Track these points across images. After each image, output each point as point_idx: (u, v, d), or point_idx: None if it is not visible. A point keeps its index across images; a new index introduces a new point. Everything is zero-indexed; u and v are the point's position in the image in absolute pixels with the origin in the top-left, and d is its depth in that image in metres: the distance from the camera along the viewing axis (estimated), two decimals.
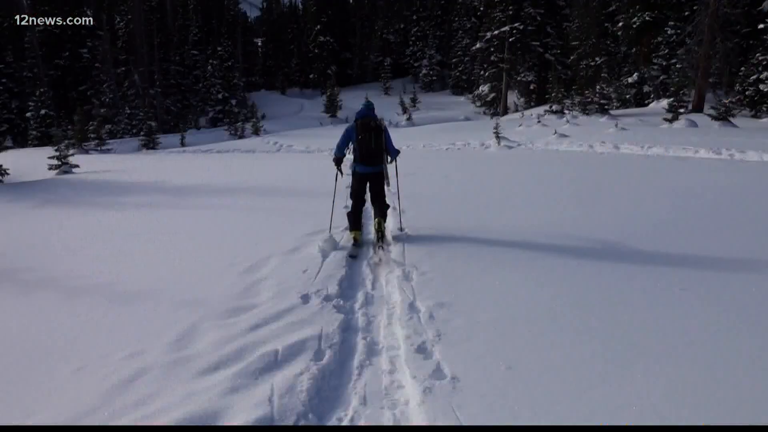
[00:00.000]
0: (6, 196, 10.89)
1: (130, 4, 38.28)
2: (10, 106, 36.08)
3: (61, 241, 7.08)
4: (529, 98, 32.89)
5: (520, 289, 4.48)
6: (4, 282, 5.34)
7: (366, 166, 6.20)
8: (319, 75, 48.20)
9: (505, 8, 31.29)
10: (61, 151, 15.85)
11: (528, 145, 15.75)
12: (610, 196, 8.18)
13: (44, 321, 4.35)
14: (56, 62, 38.48)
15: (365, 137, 6.08)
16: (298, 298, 4.44)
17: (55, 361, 3.64)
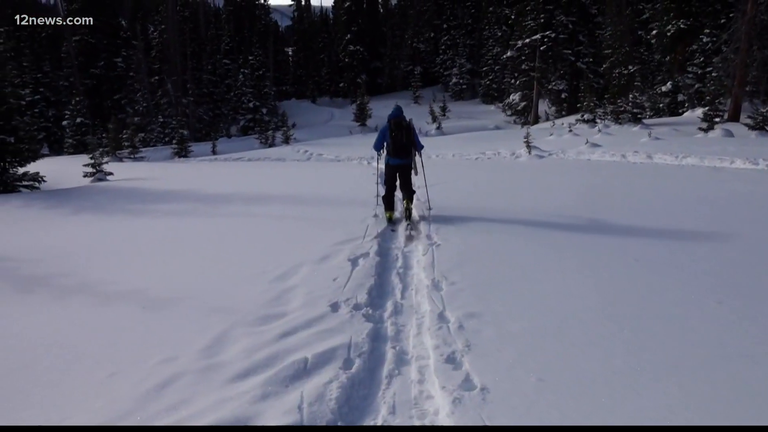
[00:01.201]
0: (43, 202, 11.19)
1: (164, 15, 39.12)
2: (47, 114, 37.16)
3: (96, 248, 7.23)
4: (561, 107, 32.55)
5: (550, 299, 4.43)
6: (40, 288, 5.47)
7: (397, 158, 7.62)
8: (349, 84, 48.52)
9: (537, 16, 31.09)
10: (96, 158, 16.23)
11: (559, 155, 15.58)
12: (643, 207, 8.03)
13: (79, 326, 4.45)
14: (92, 71, 39.50)
15: (397, 134, 7.51)
16: (328, 307, 4.46)
17: (89, 366, 3.71)
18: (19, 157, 13.68)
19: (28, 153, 14.00)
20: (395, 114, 7.65)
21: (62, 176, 16.11)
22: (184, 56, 38.62)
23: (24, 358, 3.89)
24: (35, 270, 6.15)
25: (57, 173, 16.32)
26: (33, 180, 13.78)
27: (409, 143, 7.62)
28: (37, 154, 14.73)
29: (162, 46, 38.53)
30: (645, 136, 16.96)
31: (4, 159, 13.39)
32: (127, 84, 38.53)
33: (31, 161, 14.21)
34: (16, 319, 4.67)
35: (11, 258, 6.73)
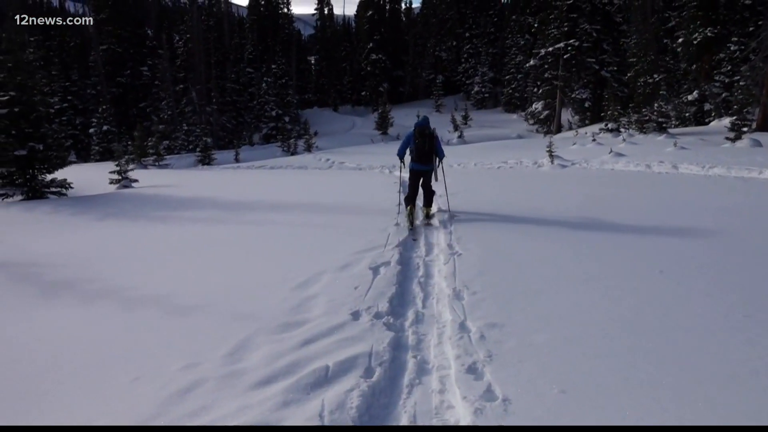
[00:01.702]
0: (70, 209, 11.39)
1: (189, 24, 39.75)
2: (75, 122, 37.93)
3: (121, 254, 7.34)
4: (584, 116, 32.27)
5: (573, 310, 4.37)
6: (67, 292, 5.56)
7: (420, 164, 8.15)
8: (371, 92, 48.71)
9: (560, 25, 30.93)
10: (122, 166, 16.49)
11: (582, 164, 15.44)
12: (669, 217, 7.91)
13: (104, 331, 4.51)
14: (118, 80, 40.27)
15: (421, 141, 8.03)
16: (349, 315, 4.46)
17: (113, 370, 3.76)
18: (47, 164, 13.96)
19: (57, 160, 14.28)
20: (421, 123, 8.20)
21: (89, 183, 16.39)
22: (208, 65, 39.18)
23: (49, 361, 3.96)
24: (62, 275, 6.26)
25: (84, 180, 16.61)
26: (61, 186, 14.04)
27: (431, 151, 8.13)
28: (64, 161, 15.00)
29: (187, 55, 39.14)
30: (670, 146, 16.73)
31: (33, 166, 13.67)
32: (153, 92, 39.16)
33: (59, 168, 14.49)
34: (43, 323, 4.76)
35: (39, 263, 6.86)
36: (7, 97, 13.16)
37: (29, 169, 13.65)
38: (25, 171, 13.58)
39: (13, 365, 3.94)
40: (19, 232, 9.18)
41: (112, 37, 40.48)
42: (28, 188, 13.62)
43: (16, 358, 4.06)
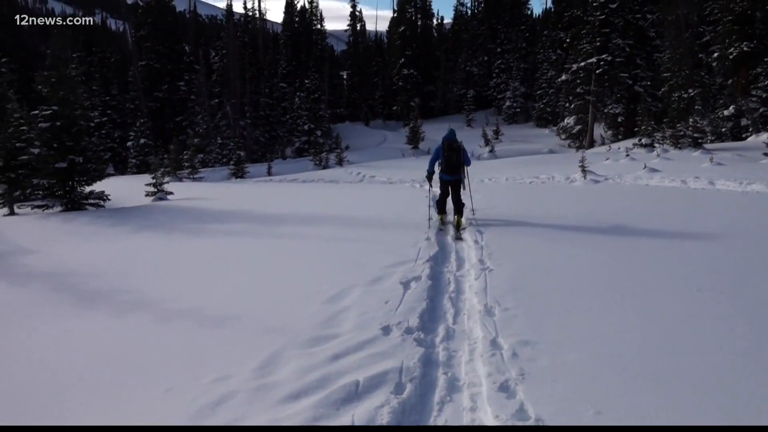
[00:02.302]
0: (107, 220, 11.65)
1: (225, 40, 40.57)
2: (114, 135, 38.92)
3: (155, 265, 7.46)
4: (617, 131, 31.80)
5: (608, 329, 4.28)
6: (102, 303, 5.67)
7: (449, 175, 8.80)
8: (403, 107, 48.85)
9: (592, 40, 30.65)
10: (157, 178, 16.82)
11: (616, 180, 15.20)
12: (706, 234, 7.71)
13: (138, 342, 4.57)
14: (156, 95, 41.22)
15: (449, 154, 8.70)
16: (380, 330, 4.45)
17: (147, 381, 3.81)
18: (86, 176, 14.32)
19: (95, 172, 14.64)
20: (449, 137, 8.83)
21: (125, 195, 16.75)
22: (243, 80, 39.86)
23: (85, 371, 4.03)
24: (98, 285, 6.39)
25: (120, 192, 16.98)
26: (98, 198, 14.38)
27: (459, 162, 8.79)
28: (103, 174, 15.38)
29: (222, 70, 39.90)
30: (706, 162, 16.37)
31: (73, 178, 14.04)
32: (189, 107, 39.98)
33: (98, 180, 14.85)
34: (79, 333, 4.85)
35: (76, 273, 7.02)
36: (50, 111, 13.58)
37: (69, 181, 14.01)
38: (65, 183, 13.95)
39: (49, 374, 4.02)
40: (58, 242, 9.42)
41: (151, 53, 41.54)
42: (67, 200, 13.99)
43: (53, 367, 4.15)
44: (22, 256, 8.37)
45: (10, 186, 14.22)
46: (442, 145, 8.76)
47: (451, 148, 8.68)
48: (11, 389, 3.80)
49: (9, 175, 14.08)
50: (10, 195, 14.38)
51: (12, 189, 14.28)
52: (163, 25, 42.33)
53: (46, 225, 11.42)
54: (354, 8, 57.00)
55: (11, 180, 14.14)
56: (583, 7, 32.31)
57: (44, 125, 13.60)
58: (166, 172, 23.26)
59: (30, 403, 3.58)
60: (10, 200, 14.42)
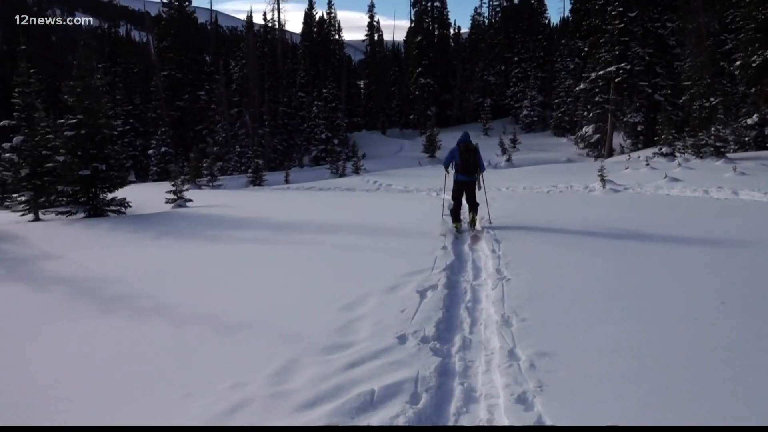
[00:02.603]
0: (128, 226, 11.80)
1: (244, 51, 41.03)
2: (136, 143, 39.49)
3: (174, 271, 7.54)
4: (636, 140, 31.48)
5: (629, 341, 4.22)
6: (122, 308, 5.73)
7: (465, 176, 9.12)
8: (419, 116, 48.90)
9: (611, 48, 30.44)
10: (178, 186, 17.01)
11: (636, 189, 15.05)
12: (730, 245, 7.59)
13: (156, 347, 4.61)
14: (177, 104, 41.76)
15: (466, 156, 9.01)
16: (395, 339, 4.43)
17: (164, 386, 3.83)
18: (108, 184, 14.54)
19: (117, 180, 14.86)
20: (464, 139, 9.20)
21: (146, 202, 16.96)
22: (262, 89, 40.25)
23: (104, 375, 4.07)
24: (118, 290, 6.46)
25: (142, 199, 17.19)
26: (120, 205, 14.58)
27: (475, 164, 9.09)
28: (125, 181, 15.59)
29: (242, 80, 40.34)
30: (729, 171, 16.16)
31: (96, 185, 14.26)
32: (209, 116, 40.43)
33: (120, 187, 15.07)
34: (99, 337, 4.91)
35: (98, 278, 7.11)
36: (75, 120, 13.83)
37: (92, 188, 14.23)
38: (88, 190, 14.18)
39: (69, 378, 4.07)
40: (81, 248, 9.56)
41: (173, 63, 42.16)
42: (90, 206, 14.20)
43: (74, 371, 4.20)
44: (46, 261, 8.51)
45: (36, 192, 14.47)
46: (458, 147, 9.10)
47: (468, 150, 9.04)
48: (32, 393, 3.85)
49: (35, 182, 14.33)
50: (36, 201, 14.63)
51: (37, 195, 14.54)
52: (185, 37, 42.95)
53: (69, 231, 11.60)
54: (372, 18, 57.39)
55: (37, 187, 14.39)
56: (601, 16, 32.11)
57: (69, 134, 13.85)
58: (186, 179, 23.50)
59: (49, 407, 3.62)
60: (36, 206, 14.67)
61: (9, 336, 5.07)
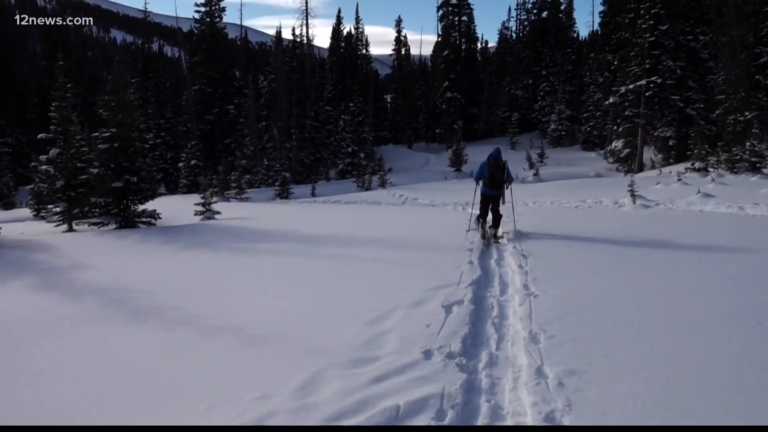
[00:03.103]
0: (158, 238, 11.98)
1: (273, 65, 41.62)
2: (166, 156, 40.21)
3: (201, 282, 7.61)
4: (668, 155, 30.94)
5: (661, 361, 4.12)
6: (150, 318, 5.81)
7: (491, 189, 9.80)
8: (446, 130, 48.83)
9: (642, 62, 30.08)
10: (206, 198, 17.23)
11: (667, 205, 14.77)
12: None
13: (183, 357, 4.65)
14: (207, 118, 42.48)
15: (494, 171, 9.69)
16: (421, 354, 4.40)
17: (190, 397, 3.86)
18: (140, 196, 14.82)
19: (148, 192, 15.14)
20: (494, 154, 9.87)
21: (176, 214, 17.21)
22: (289, 103, 40.73)
23: (132, 385, 4.11)
24: (148, 301, 6.55)
25: (171, 211, 17.45)
26: (150, 217, 14.84)
27: (502, 179, 9.74)
28: (155, 193, 15.87)
29: (270, 94, 40.90)
30: (766, 188, 15.77)
31: (127, 197, 14.54)
32: (237, 129, 41.01)
33: (150, 199, 15.34)
34: (127, 347, 4.97)
35: (127, 288, 7.22)
36: (109, 133, 14.16)
37: (124, 200, 14.51)
38: (120, 201, 14.46)
39: (98, 387, 4.12)
40: (112, 259, 9.73)
41: (204, 78, 42.97)
42: (121, 218, 14.47)
43: (102, 380, 4.25)
44: (79, 270, 8.68)
45: (70, 204, 14.82)
46: (488, 162, 9.78)
47: (497, 165, 9.71)
48: (61, 400, 3.91)
49: (69, 193, 14.68)
50: (70, 212, 14.97)
51: (71, 207, 14.88)
52: (215, 52, 43.77)
53: (101, 242, 11.83)
54: (399, 33, 57.83)
55: (71, 198, 14.74)
56: (631, 29, 31.79)
57: (103, 146, 14.18)
58: (215, 192, 23.81)
59: (76, 415, 3.67)
60: (70, 217, 15.01)
61: (41, 344, 5.17)
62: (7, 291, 7.46)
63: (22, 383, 4.26)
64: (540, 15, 53.51)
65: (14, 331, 5.59)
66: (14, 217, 21.56)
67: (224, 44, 46.30)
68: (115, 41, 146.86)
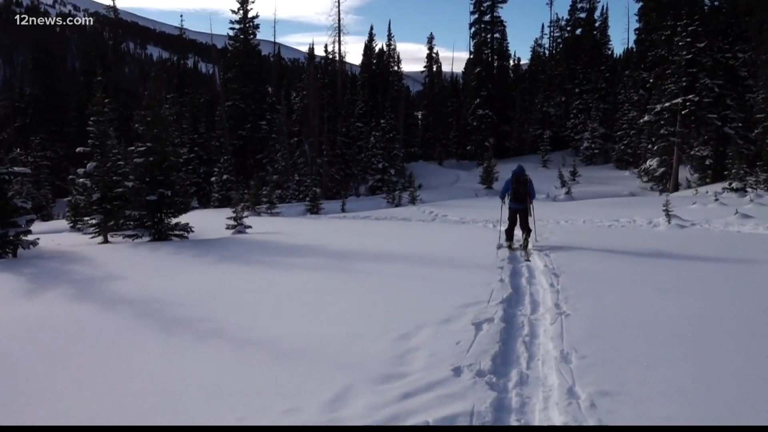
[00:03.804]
0: (190, 251, 12.18)
1: (305, 82, 42.21)
2: (199, 171, 40.97)
3: (232, 296, 7.70)
4: (704, 174, 30.29)
5: (698, 385, 4.01)
6: (184, 330, 5.89)
7: (517, 203, 10.58)
8: (477, 147, 48.73)
9: (678, 80, 29.63)
10: (238, 212, 17.47)
11: (704, 225, 14.44)
12: None
13: (214, 370, 4.69)
14: (239, 133, 43.21)
15: (517, 186, 10.50)
16: (450, 371, 4.37)
17: (221, 409, 3.89)
18: (173, 209, 15.10)
19: (181, 205, 15.41)
20: (517, 171, 10.65)
21: (208, 227, 17.48)
22: (321, 119, 41.19)
23: (163, 398, 4.17)
24: (179, 313, 6.65)
25: (203, 224, 17.74)
26: (183, 230, 15.09)
27: (526, 193, 10.51)
28: (188, 207, 16.13)
29: (302, 110, 41.44)
30: None
31: (161, 210, 14.83)
32: (269, 145, 41.59)
33: (183, 213, 15.60)
34: (159, 358, 5.05)
35: (160, 300, 7.35)
36: (144, 147, 14.51)
37: (158, 213, 14.80)
38: (154, 214, 14.75)
39: (131, 398, 4.19)
40: (145, 270, 9.93)
41: (237, 94, 43.78)
42: (155, 230, 14.75)
43: (133, 390, 4.32)
44: (113, 282, 8.87)
45: (106, 216, 15.20)
46: (512, 178, 10.57)
47: (519, 181, 10.49)
48: (95, 409, 3.99)
49: (105, 205, 15.07)
50: (105, 224, 15.35)
51: (107, 219, 15.25)
52: (249, 68, 44.59)
53: (135, 253, 12.08)
54: (431, 50, 58.03)
55: (107, 210, 15.11)
56: (668, 47, 31.39)
57: (138, 160, 14.52)
58: (246, 206, 24.13)
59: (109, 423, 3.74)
60: (105, 229, 15.38)
61: (77, 354, 5.28)
62: (44, 300, 7.66)
63: (58, 392, 4.35)
64: (574, 32, 53.28)
65: (50, 341, 5.71)
66: (52, 229, 22.19)
67: (257, 60, 47.14)
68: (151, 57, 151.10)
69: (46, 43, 47.13)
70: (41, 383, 4.54)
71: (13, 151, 30.76)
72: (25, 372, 4.82)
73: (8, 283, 8.92)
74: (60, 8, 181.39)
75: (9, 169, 12.64)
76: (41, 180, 34.94)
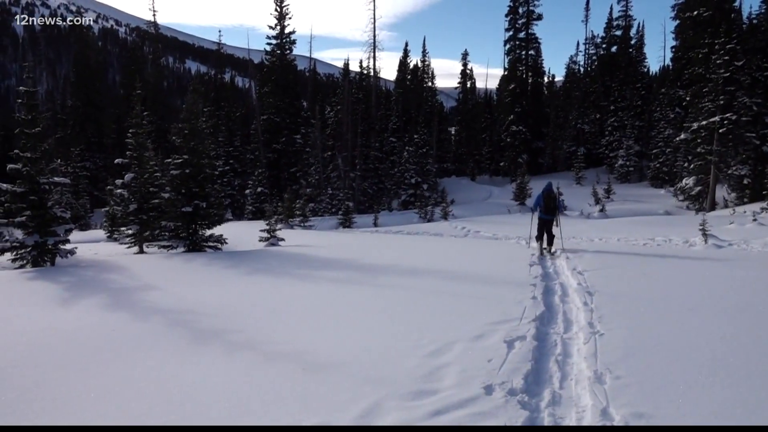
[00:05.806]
0: (223, 262, 12.36)
1: (340, 97, 42.66)
2: (234, 183, 41.65)
3: (264, 308, 7.78)
4: (742, 193, 29.50)
5: (734, 409, 3.91)
6: (215, 341, 5.98)
7: (546, 215, 12.74)
8: (510, 163, 48.48)
9: (715, 98, 29.04)
10: (271, 225, 17.67)
11: (741, 245, 14.06)
12: None
13: (245, 381, 4.75)
14: (274, 146, 43.86)
15: (547, 200, 12.72)
16: (482, 389, 4.35)
17: (251, 421, 3.94)
18: (208, 221, 15.37)
19: (216, 217, 15.68)
20: (547, 188, 12.92)
21: (241, 239, 17.71)
22: (355, 134, 41.52)
23: (196, 408, 4.24)
24: (211, 324, 6.75)
25: (237, 236, 17.97)
26: (217, 241, 15.34)
27: (554, 207, 12.81)
28: (222, 219, 16.39)
29: (336, 124, 41.85)
30: None
31: (196, 221, 15.10)
32: (303, 158, 42.05)
33: (217, 225, 15.87)
34: (190, 368, 5.13)
35: (193, 310, 7.47)
36: (181, 159, 14.84)
37: (192, 224, 15.08)
38: (189, 226, 15.03)
39: (163, 407, 4.27)
40: (179, 281, 10.11)
41: (272, 108, 44.53)
42: (189, 241, 15.02)
43: (163, 399, 4.40)
44: (147, 291, 9.05)
45: (142, 226, 15.55)
46: (542, 194, 12.84)
47: (549, 197, 12.77)
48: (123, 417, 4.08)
49: (141, 216, 15.43)
50: (141, 235, 15.70)
51: (143, 229, 15.61)
52: (284, 83, 45.33)
53: (169, 264, 12.31)
54: (465, 66, 58.12)
55: (143, 221, 15.48)
56: (705, 65, 30.87)
57: (175, 172, 14.84)
58: (279, 219, 24.40)
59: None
60: (141, 239, 15.73)
61: (108, 361, 5.40)
62: (81, 308, 7.85)
63: (91, 399, 4.45)
64: (609, 49, 52.78)
65: (85, 348, 5.85)
66: (89, 238, 22.75)
67: (293, 75, 47.87)
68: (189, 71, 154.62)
69: (87, 56, 48.70)
70: (72, 390, 4.65)
71: (53, 162, 31.83)
72: (56, 379, 4.94)
73: (45, 290, 9.17)
74: (103, 23, 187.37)
75: (49, 179, 13.07)
76: (80, 190, 35.95)
